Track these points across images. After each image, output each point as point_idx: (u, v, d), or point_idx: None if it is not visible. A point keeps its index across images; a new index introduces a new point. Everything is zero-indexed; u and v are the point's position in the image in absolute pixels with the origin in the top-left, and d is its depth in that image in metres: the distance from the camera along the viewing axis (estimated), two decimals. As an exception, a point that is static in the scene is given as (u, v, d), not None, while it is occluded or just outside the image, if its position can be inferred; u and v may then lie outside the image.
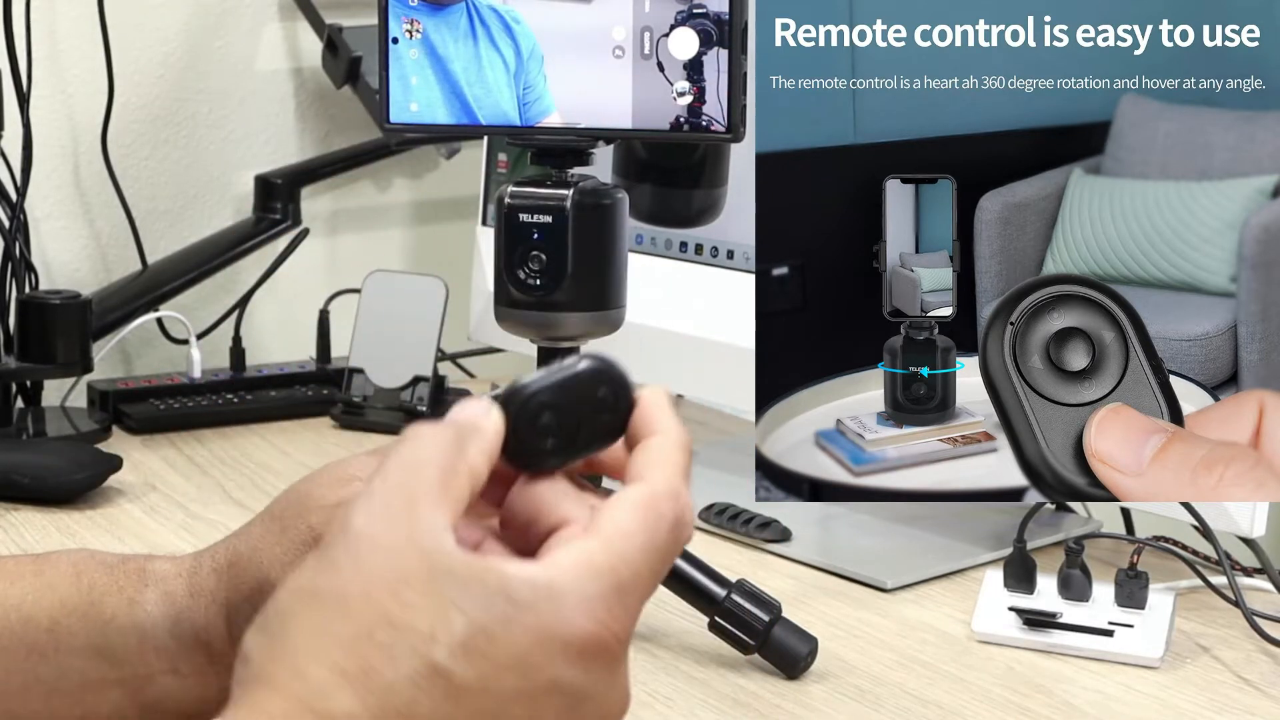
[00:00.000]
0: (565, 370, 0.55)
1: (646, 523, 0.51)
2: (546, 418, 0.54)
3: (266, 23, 1.56)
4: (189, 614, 0.63)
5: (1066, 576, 0.91)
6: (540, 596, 0.48)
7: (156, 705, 0.64)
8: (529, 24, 0.77)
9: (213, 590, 0.63)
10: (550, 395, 0.54)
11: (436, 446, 0.51)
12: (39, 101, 1.41)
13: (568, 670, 0.48)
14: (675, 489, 0.52)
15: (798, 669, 0.86)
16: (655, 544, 0.51)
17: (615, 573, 0.50)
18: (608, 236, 0.81)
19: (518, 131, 0.79)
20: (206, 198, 1.54)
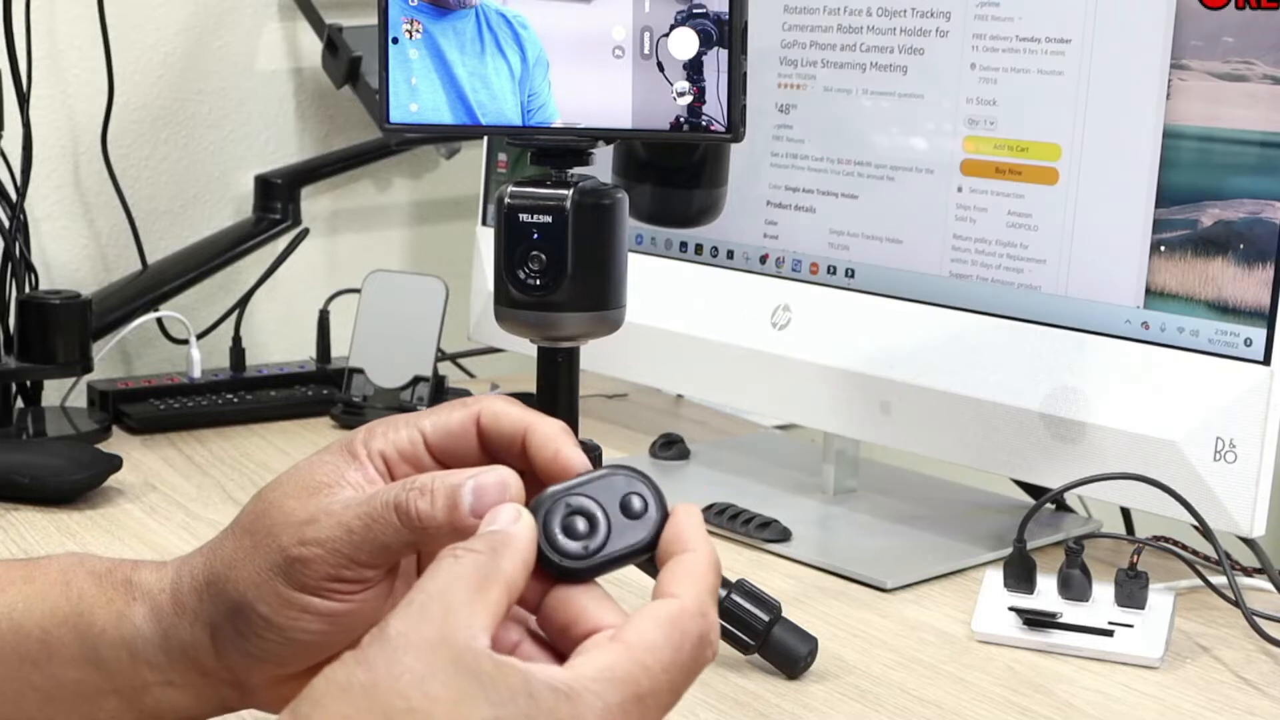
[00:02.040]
0: (597, 475, 0.56)
1: (671, 639, 0.52)
2: (579, 523, 0.54)
3: (266, 23, 1.56)
4: (176, 630, 0.63)
5: (1066, 576, 0.91)
6: (560, 699, 0.49)
7: (155, 712, 0.64)
8: (534, 29, 0.77)
9: (195, 609, 0.63)
10: (581, 500, 0.55)
11: (473, 561, 0.52)
12: (39, 101, 1.42)
13: None
14: (703, 607, 0.53)
15: (798, 669, 0.86)
16: (679, 660, 0.52)
17: (636, 683, 0.50)
18: (608, 236, 0.81)
19: (518, 131, 0.79)
20: (206, 198, 1.54)
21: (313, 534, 0.59)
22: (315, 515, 0.59)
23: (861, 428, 1.09)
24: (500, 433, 0.61)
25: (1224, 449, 0.91)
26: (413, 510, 0.57)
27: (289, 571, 0.59)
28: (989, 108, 1.02)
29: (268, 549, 0.60)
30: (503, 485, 0.57)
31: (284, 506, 0.61)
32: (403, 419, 0.63)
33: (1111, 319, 0.97)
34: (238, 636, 0.61)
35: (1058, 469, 0.97)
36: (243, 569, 0.61)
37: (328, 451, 0.62)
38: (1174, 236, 0.94)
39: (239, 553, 0.61)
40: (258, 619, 0.60)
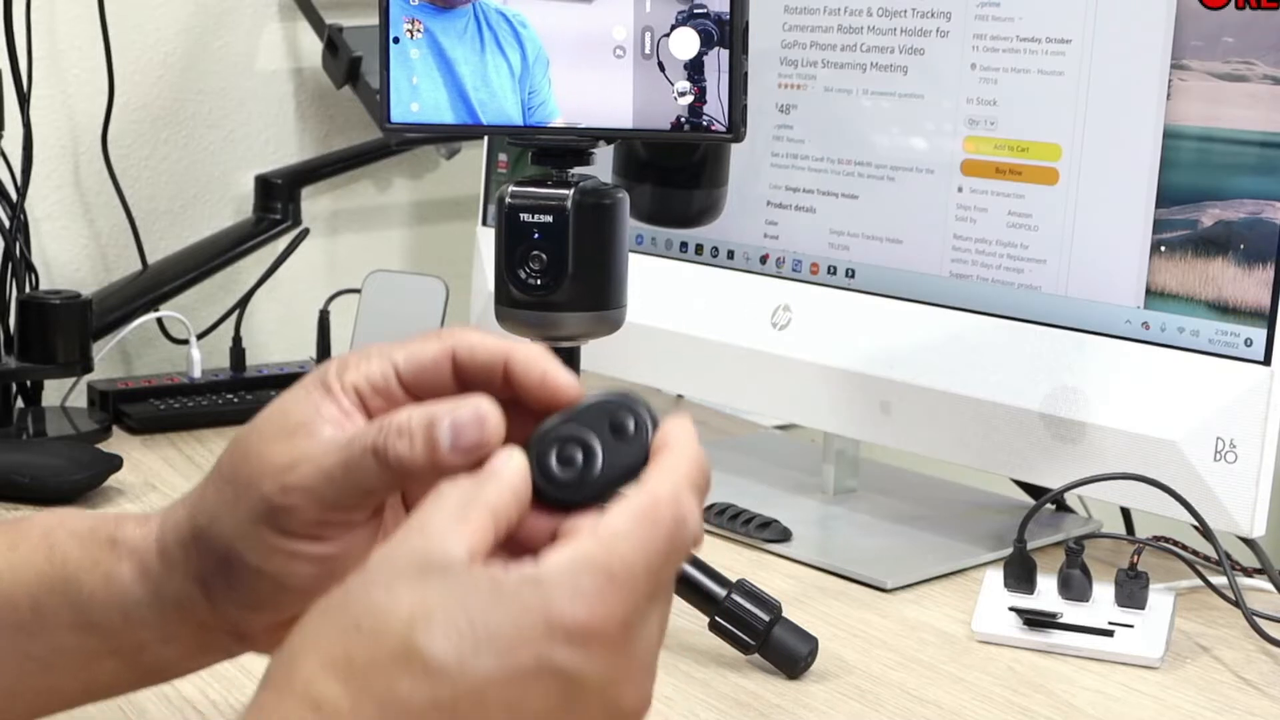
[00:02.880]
0: (587, 405, 0.55)
1: (642, 525, 0.51)
2: (568, 450, 0.54)
3: (266, 23, 1.56)
4: (167, 587, 0.62)
5: (1066, 576, 0.91)
6: (526, 585, 0.49)
7: (157, 669, 0.64)
8: (534, 28, 0.77)
9: (184, 564, 0.62)
10: (569, 428, 0.55)
11: (454, 489, 0.52)
12: (39, 101, 1.41)
13: (557, 651, 0.48)
14: (677, 494, 0.52)
15: (798, 669, 0.86)
16: (652, 545, 0.51)
17: (607, 567, 0.50)
18: (608, 236, 0.81)
19: (518, 131, 0.79)
20: (206, 198, 1.54)
21: (294, 481, 0.58)
22: (295, 461, 0.58)
23: (861, 428, 1.09)
24: (478, 364, 0.60)
25: (1224, 449, 0.91)
26: (391, 453, 0.56)
27: (273, 519, 0.58)
28: (989, 108, 1.02)
29: (250, 498, 0.59)
30: (480, 419, 0.56)
31: (262, 453, 0.59)
32: (375, 350, 0.62)
33: (1112, 319, 0.97)
34: (229, 588, 0.60)
35: (1058, 469, 0.97)
36: (226, 520, 0.60)
37: (301, 387, 0.61)
38: (1174, 237, 0.94)
39: (221, 504, 0.60)
40: (247, 569, 0.59)
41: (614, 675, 0.49)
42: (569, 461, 0.54)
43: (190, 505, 0.63)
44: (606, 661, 0.49)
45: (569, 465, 0.54)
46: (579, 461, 0.54)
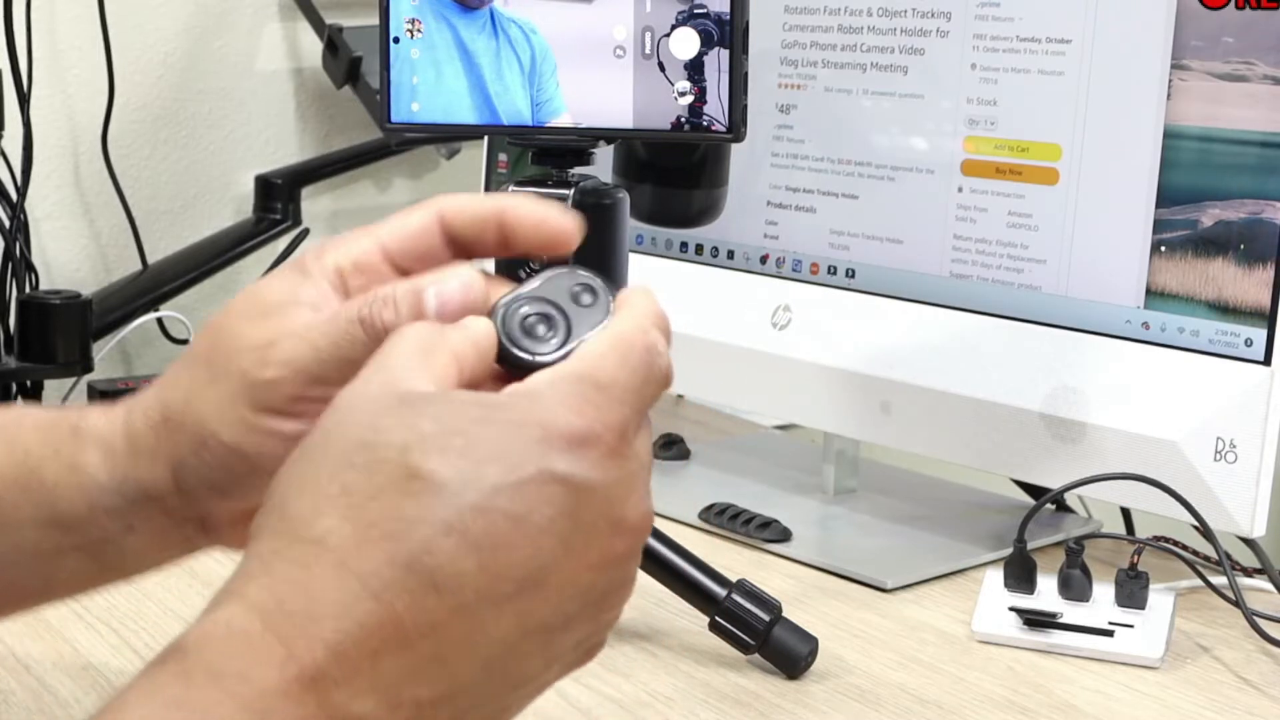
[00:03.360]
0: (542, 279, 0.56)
1: (617, 347, 0.52)
2: (533, 317, 0.54)
3: (266, 23, 1.56)
4: (134, 473, 0.60)
5: (1067, 576, 0.91)
6: (517, 399, 0.49)
7: (119, 564, 0.63)
8: (541, 31, 0.77)
9: (153, 448, 0.60)
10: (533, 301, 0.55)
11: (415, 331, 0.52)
12: (39, 101, 1.41)
13: (556, 459, 0.48)
14: (643, 327, 0.53)
15: (798, 669, 0.86)
16: (628, 361, 0.51)
17: (593, 378, 0.50)
18: (608, 236, 0.81)
19: (518, 131, 0.79)
20: (206, 198, 1.54)
21: (276, 355, 0.57)
22: (276, 337, 0.57)
23: (861, 428, 1.09)
24: (469, 224, 0.59)
25: (1224, 449, 0.91)
26: (378, 322, 0.55)
27: (253, 395, 0.57)
28: (989, 108, 1.02)
29: (228, 376, 0.58)
30: (466, 286, 0.55)
31: (239, 332, 0.58)
32: (357, 231, 0.61)
33: (1112, 319, 0.97)
34: (203, 470, 0.59)
35: (1058, 469, 0.97)
36: (202, 400, 0.59)
37: (277, 273, 0.60)
38: (1174, 237, 0.94)
39: (195, 384, 0.59)
40: (222, 448, 0.58)
41: (614, 484, 0.49)
42: (533, 327, 0.54)
43: (159, 388, 0.61)
44: (605, 468, 0.49)
45: (533, 330, 0.54)
46: (544, 325, 0.54)
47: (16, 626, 0.89)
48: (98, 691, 0.82)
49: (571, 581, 0.48)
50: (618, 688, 0.84)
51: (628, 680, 0.85)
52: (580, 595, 0.49)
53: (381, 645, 0.46)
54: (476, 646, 0.47)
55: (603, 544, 0.49)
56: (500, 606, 0.47)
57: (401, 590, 0.46)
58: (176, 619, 0.91)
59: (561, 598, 0.48)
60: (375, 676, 0.46)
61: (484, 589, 0.46)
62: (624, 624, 0.92)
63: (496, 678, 0.48)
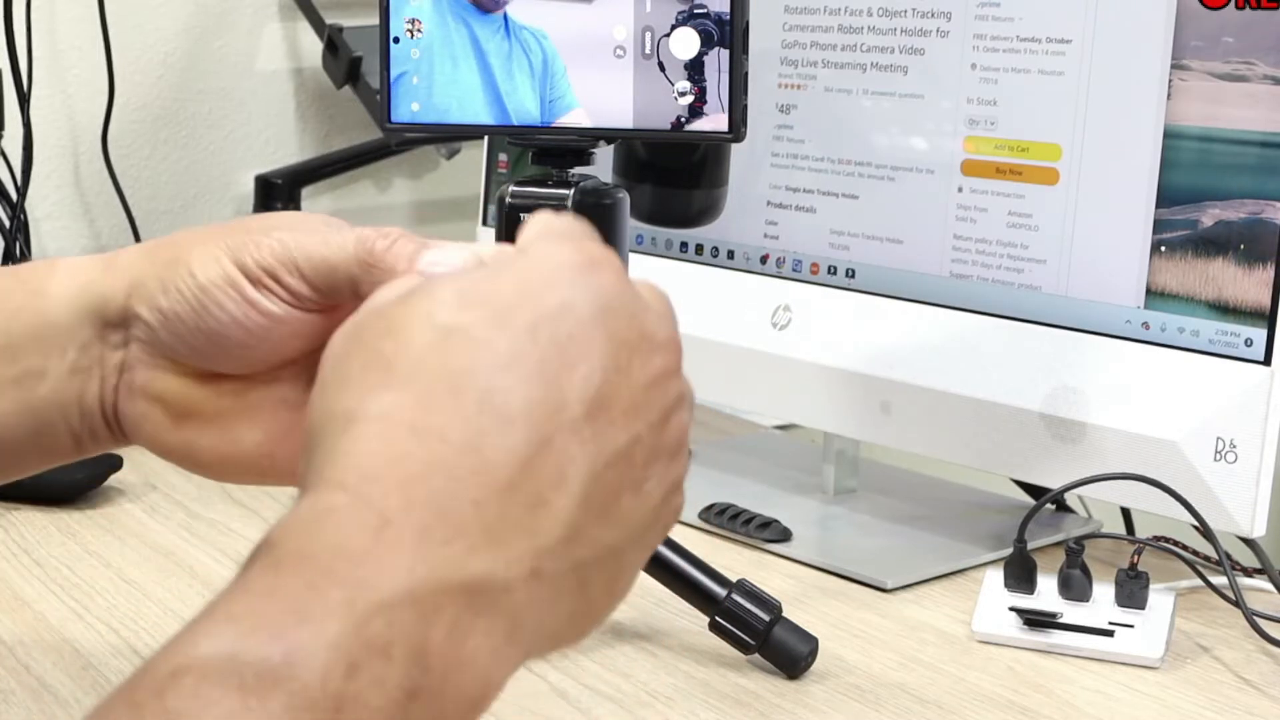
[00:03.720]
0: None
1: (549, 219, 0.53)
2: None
3: (266, 23, 1.56)
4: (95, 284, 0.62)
5: (1067, 576, 0.91)
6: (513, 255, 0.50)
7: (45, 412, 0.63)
8: (549, 35, 0.77)
9: (128, 262, 0.62)
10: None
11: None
12: (39, 101, 1.42)
13: (572, 286, 0.48)
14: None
15: (798, 669, 0.86)
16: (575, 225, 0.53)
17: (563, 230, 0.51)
18: (609, 236, 0.80)
19: (518, 131, 0.79)
20: (206, 198, 1.54)
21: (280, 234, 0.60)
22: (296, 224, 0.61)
23: (861, 428, 1.09)
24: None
25: (1224, 449, 0.91)
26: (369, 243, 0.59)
27: (240, 251, 0.60)
28: (989, 108, 1.02)
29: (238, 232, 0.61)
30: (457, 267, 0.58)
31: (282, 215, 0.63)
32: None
33: (1112, 319, 0.97)
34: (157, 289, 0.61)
35: (1058, 469, 0.97)
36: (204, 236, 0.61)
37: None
38: (1174, 237, 0.94)
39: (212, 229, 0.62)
40: (186, 274, 0.60)
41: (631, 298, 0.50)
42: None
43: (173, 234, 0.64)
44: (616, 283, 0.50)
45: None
46: None
47: (16, 627, 0.90)
48: (98, 691, 0.82)
49: (630, 399, 0.49)
50: (617, 688, 0.84)
51: (628, 680, 0.85)
52: (641, 414, 0.49)
53: (482, 494, 0.44)
54: (569, 481, 0.46)
55: (643, 357, 0.49)
56: (579, 430, 0.47)
57: (483, 433, 0.45)
58: (177, 619, 0.91)
59: (627, 417, 0.48)
60: (485, 527, 0.44)
61: (558, 414, 0.46)
62: (624, 624, 0.92)
63: (599, 518, 0.47)
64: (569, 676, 0.85)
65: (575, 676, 0.85)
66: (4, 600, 0.93)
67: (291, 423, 0.63)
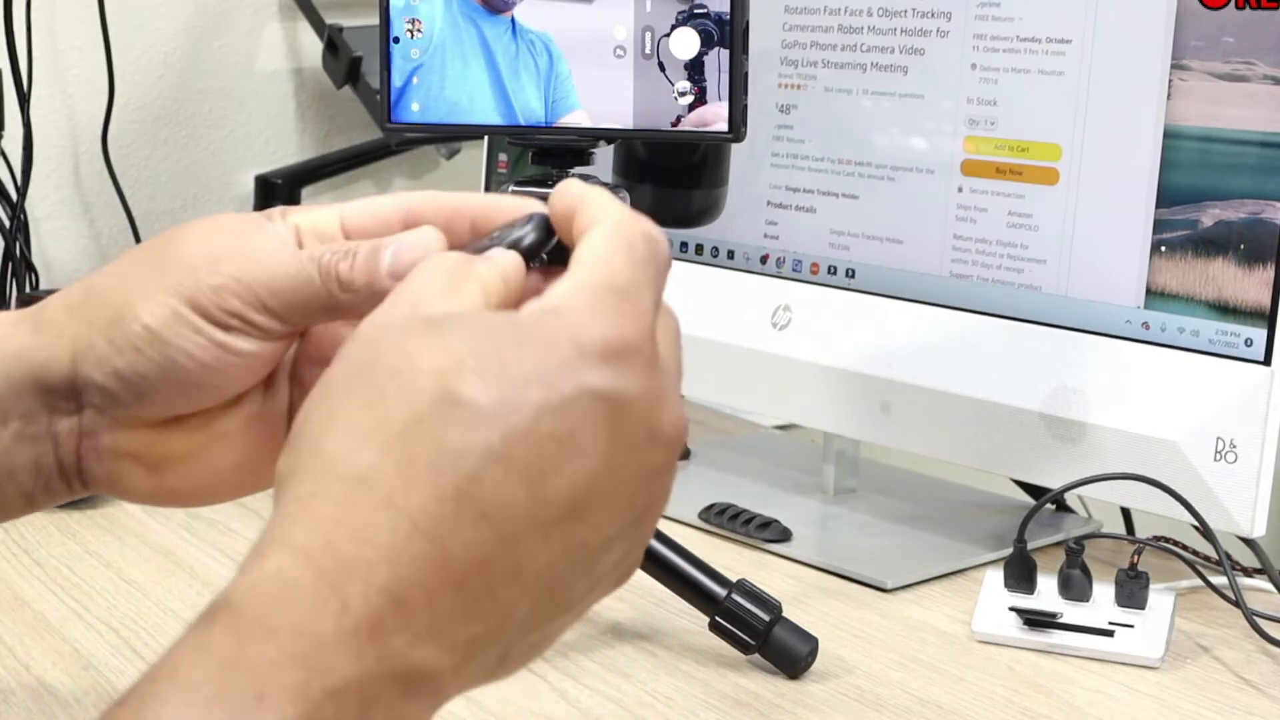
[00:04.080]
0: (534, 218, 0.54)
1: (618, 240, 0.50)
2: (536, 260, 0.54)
3: (266, 23, 1.56)
4: (29, 352, 0.58)
5: (1067, 576, 0.91)
6: (545, 315, 0.47)
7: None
8: (554, 39, 0.78)
9: (61, 325, 0.58)
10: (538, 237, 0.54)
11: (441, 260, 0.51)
12: (39, 101, 1.42)
13: (593, 374, 0.46)
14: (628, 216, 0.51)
15: (798, 669, 0.86)
16: (637, 256, 0.50)
17: (610, 285, 0.48)
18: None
19: (519, 131, 0.79)
20: (206, 198, 1.54)
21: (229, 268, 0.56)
22: (235, 252, 0.56)
23: (861, 428, 1.09)
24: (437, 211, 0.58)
25: (1224, 449, 0.91)
26: (333, 270, 0.55)
27: (193, 294, 0.56)
28: (989, 108, 1.02)
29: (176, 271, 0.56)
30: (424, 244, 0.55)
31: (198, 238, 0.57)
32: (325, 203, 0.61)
33: (1112, 319, 0.97)
34: (110, 351, 0.56)
35: (1058, 469, 0.97)
36: (136, 283, 0.57)
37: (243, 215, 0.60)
38: (1174, 237, 0.94)
39: (136, 271, 0.57)
40: (140, 331, 0.56)
41: (650, 393, 0.47)
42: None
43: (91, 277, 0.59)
44: (641, 377, 0.47)
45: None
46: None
47: (16, 627, 0.90)
48: (98, 691, 0.82)
49: (613, 499, 0.47)
50: (618, 688, 0.84)
51: (628, 680, 0.85)
52: (620, 514, 0.47)
53: (437, 586, 0.44)
54: (524, 576, 0.45)
55: (641, 458, 0.47)
56: (548, 532, 0.45)
57: (452, 525, 0.44)
58: (177, 619, 0.91)
59: (604, 518, 0.47)
60: (432, 620, 0.44)
61: (532, 516, 0.45)
62: (624, 624, 0.92)
63: (543, 606, 0.47)
64: (569, 676, 0.85)
65: (575, 676, 0.85)
66: (4, 600, 0.93)
67: (265, 434, 0.61)
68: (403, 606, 0.43)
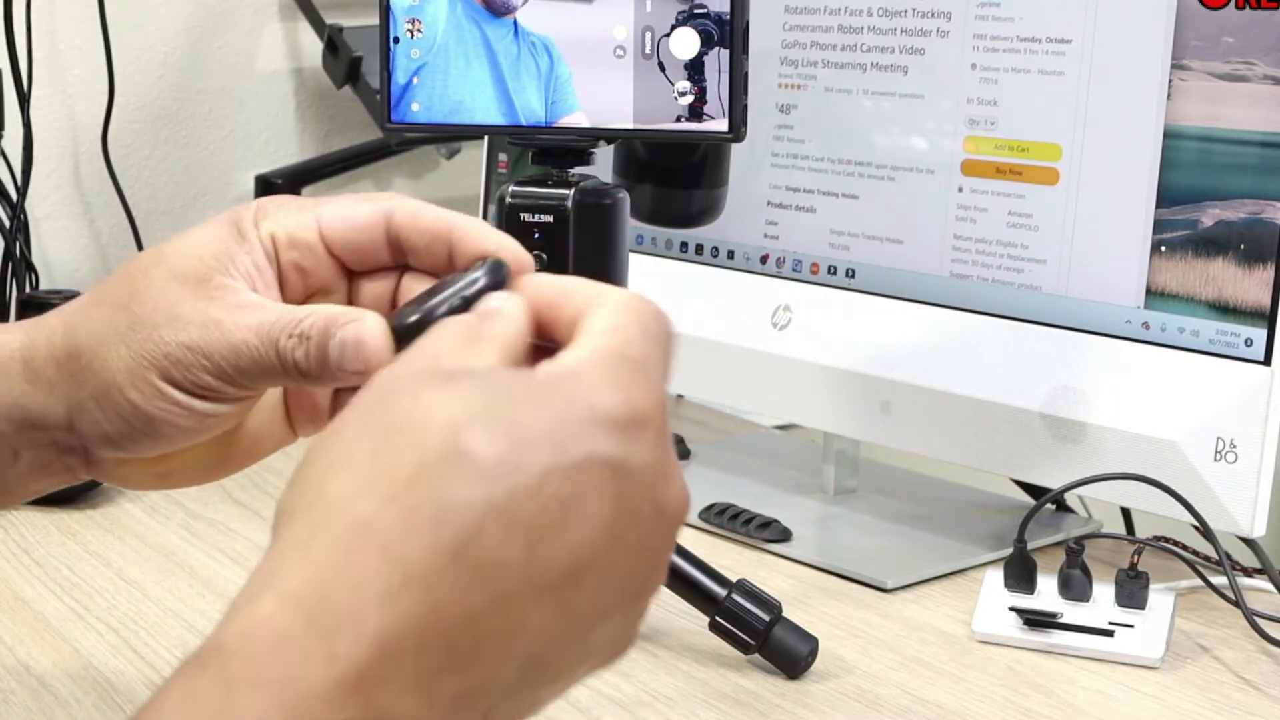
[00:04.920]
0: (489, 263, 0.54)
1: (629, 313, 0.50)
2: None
3: (266, 23, 1.56)
4: (25, 400, 0.60)
5: (1067, 576, 0.91)
6: (561, 378, 0.47)
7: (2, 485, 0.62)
8: (555, 42, 0.78)
9: (52, 381, 0.59)
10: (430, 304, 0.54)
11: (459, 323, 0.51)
12: (39, 101, 1.42)
13: (603, 442, 0.45)
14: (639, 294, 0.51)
15: (798, 669, 0.86)
16: (649, 330, 0.49)
17: (626, 355, 0.48)
18: (609, 236, 0.81)
19: (518, 131, 0.79)
20: (206, 198, 1.54)
21: (198, 341, 0.57)
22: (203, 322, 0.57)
23: (861, 428, 1.09)
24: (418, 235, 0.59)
25: (1224, 449, 0.91)
26: (289, 359, 0.56)
27: (165, 367, 0.57)
28: (989, 108, 1.02)
29: (146, 338, 0.57)
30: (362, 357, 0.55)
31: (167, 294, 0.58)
32: (297, 202, 0.60)
33: (1112, 319, 0.97)
34: (101, 418, 0.58)
35: (1058, 469, 0.97)
36: (115, 350, 0.58)
37: (215, 226, 0.60)
38: (1174, 237, 0.94)
39: (110, 330, 0.58)
40: (126, 404, 0.58)
41: (657, 467, 0.47)
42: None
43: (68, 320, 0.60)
44: (650, 450, 0.46)
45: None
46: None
47: (16, 627, 0.90)
48: (98, 691, 0.82)
49: (612, 571, 0.46)
50: (617, 687, 0.84)
51: (628, 680, 0.85)
52: (618, 585, 0.47)
53: (425, 639, 0.43)
54: (515, 639, 0.45)
55: (644, 531, 0.47)
56: (542, 596, 0.45)
57: (447, 579, 0.43)
58: (176, 619, 0.91)
59: (601, 588, 0.46)
60: (418, 672, 0.43)
61: (529, 578, 0.44)
62: (624, 624, 0.92)
63: (531, 670, 0.46)
64: (569, 676, 0.85)
65: (575, 676, 0.85)
66: (4, 600, 0.93)
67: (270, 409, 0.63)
68: (390, 658, 0.43)
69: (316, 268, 0.60)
